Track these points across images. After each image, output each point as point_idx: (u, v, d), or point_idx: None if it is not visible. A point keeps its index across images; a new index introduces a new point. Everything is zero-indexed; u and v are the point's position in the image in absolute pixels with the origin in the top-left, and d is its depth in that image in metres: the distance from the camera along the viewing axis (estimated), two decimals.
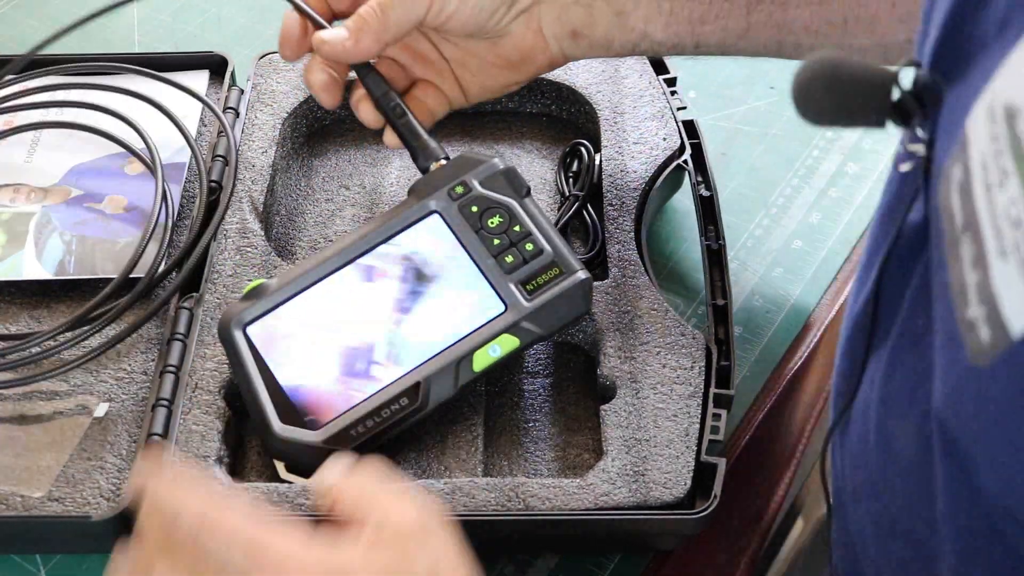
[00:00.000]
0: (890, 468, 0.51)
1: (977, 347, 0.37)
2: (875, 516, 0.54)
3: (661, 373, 0.68)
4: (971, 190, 0.38)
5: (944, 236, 0.40)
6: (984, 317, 0.37)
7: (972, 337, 0.38)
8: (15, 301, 0.76)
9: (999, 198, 0.36)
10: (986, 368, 0.37)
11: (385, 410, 0.65)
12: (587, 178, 0.79)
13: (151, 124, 0.81)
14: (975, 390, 0.38)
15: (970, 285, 0.38)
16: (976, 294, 0.37)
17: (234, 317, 0.68)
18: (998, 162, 0.36)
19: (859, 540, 0.57)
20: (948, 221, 0.40)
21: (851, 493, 0.56)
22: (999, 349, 0.36)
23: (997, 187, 0.36)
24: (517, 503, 0.63)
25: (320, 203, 0.83)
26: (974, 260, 0.37)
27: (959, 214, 0.39)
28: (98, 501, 0.65)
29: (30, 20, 1.02)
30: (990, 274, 0.36)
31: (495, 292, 0.68)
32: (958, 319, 0.38)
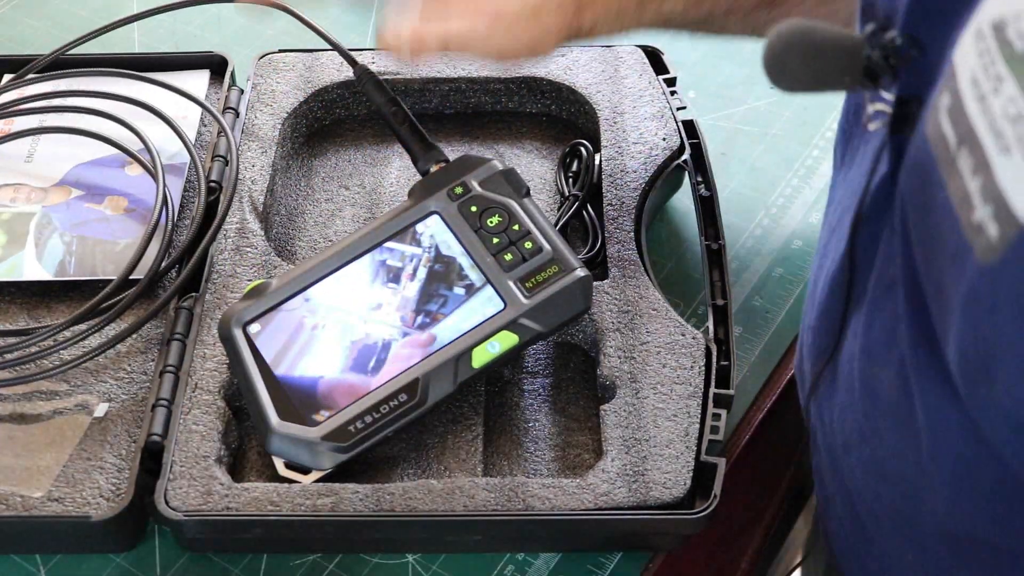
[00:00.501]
0: (875, 414, 0.53)
1: (986, 245, 0.39)
2: (865, 463, 0.56)
3: (661, 373, 0.68)
4: (963, 108, 0.40)
5: (937, 162, 0.42)
6: (991, 215, 0.39)
7: (980, 239, 0.39)
8: (15, 301, 0.76)
9: (995, 103, 0.38)
10: (996, 263, 0.39)
11: (384, 406, 0.65)
12: (587, 178, 0.79)
13: (151, 125, 0.81)
14: (989, 288, 0.40)
15: (973, 192, 0.40)
16: (980, 197, 0.39)
17: (234, 316, 0.68)
18: (990, 72, 0.39)
19: (853, 490, 0.58)
20: (940, 146, 0.42)
21: (841, 445, 0.57)
22: (1009, 239, 0.38)
23: (992, 94, 0.39)
24: (517, 503, 0.63)
25: (320, 203, 0.83)
26: (974, 168, 0.40)
27: (952, 134, 0.41)
28: (98, 501, 0.65)
29: (30, 20, 1.02)
30: (994, 173, 0.38)
31: (494, 290, 0.68)
32: (963, 226, 0.40)
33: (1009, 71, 0.38)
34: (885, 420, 0.53)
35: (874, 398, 0.53)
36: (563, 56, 0.87)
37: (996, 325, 0.40)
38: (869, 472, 0.56)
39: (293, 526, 0.63)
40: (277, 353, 0.68)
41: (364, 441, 0.65)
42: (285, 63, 0.88)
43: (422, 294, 0.69)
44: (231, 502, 0.63)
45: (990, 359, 0.41)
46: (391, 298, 0.69)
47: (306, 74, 0.87)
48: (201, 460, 0.65)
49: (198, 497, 0.64)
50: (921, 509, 0.54)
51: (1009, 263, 0.39)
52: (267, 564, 0.66)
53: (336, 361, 0.67)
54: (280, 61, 0.88)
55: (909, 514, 0.55)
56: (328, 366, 0.67)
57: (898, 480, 0.54)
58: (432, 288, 0.69)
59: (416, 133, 0.75)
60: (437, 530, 0.64)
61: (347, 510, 0.63)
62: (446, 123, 0.87)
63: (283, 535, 0.64)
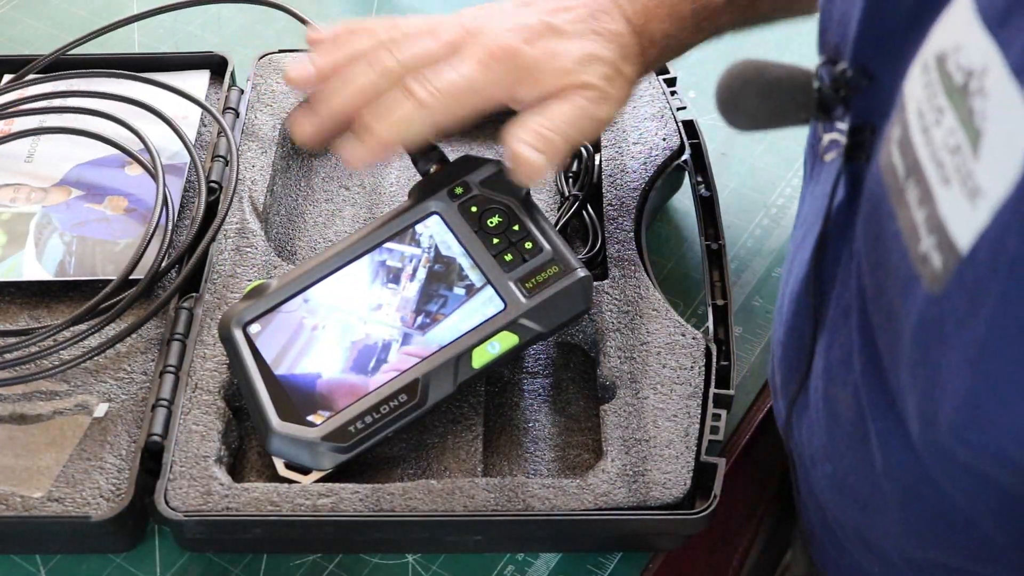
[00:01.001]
0: (835, 432, 0.54)
1: (932, 276, 0.40)
2: (829, 478, 0.57)
3: (661, 373, 0.68)
4: (910, 139, 0.41)
5: (888, 192, 0.43)
6: (935, 245, 0.39)
7: (926, 269, 0.40)
8: (15, 301, 0.76)
9: (936, 134, 0.39)
10: (942, 293, 0.40)
11: (384, 406, 0.65)
12: (587, 178, 0.79)
13: (151, 125, 0.81)
14: (935, 316, 0.40)
15: (919, 223, 0.40)
16: (925, 227, 0.40)
17: (234, 316, 0.68)
18: (933, 103, 0.39)
19: (822, 502, 0.59)
20: (891, 176, 0.43)
21: (810, 458, 0.59)
22: (951, 269, 0.39)
23: (934, 126, 0.39)
24: (517, 503, 0.63)
25: (320, 203, 0.83)
26: (920, 199, 0.40)
27: (900, 165, 0.42)
28: (98, 501, 0.65)
29: (30, 20, 1.02)
30: (936, 204, 0.39)
31: (494, 290, 0.68)
32: (912, 258, 0.41)
33: (949, 103, 0.38)
34: (844, 440, 0.54)
35: (835, 417, 0.54)
36: None
37: (943, 354, 0.40)
38: (833, 487, 0.57)
39: (293, 526, 0.63)
40: (277, 353, 0.68)
41: (364, 441, 0.65)
42: (285, 63, 0.88)
43: (422, 294, 0.69)
44: (231, 502, 0.63)
45: (935, 389, 0.42)
46: (391, 299, 0.69)
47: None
48: (201, 460, 0.65)
49: (198, 497, 0.64)
50: (878, 526, 0.55)
51: (952, 293, 0.39)
52: (267, 564, 0.66)
53: (336, 361, 0.67)
54: (280, 61, 0.88)
55: (868, 531, 0.56)
56: (328, 366, 0.67)
57: (857, 497, 0.55)
58: (432, 288, 0.69)
59: None
60: (437, 530, 0.64)
61: (347, 510, 0.63)
62: None
63: (283, 535, 0.64)
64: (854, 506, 0.56)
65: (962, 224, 0.38)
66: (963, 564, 0.53)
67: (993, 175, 0.36)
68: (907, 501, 0.51)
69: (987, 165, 0.37)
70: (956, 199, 0.38)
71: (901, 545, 0.55)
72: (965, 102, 0.37)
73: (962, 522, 0.49)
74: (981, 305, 0.38)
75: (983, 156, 0.37)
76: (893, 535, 0.54)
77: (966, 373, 0.39)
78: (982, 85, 0.37)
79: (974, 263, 0.38)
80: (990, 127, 0.36)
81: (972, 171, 0.37)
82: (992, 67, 0.36)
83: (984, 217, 0.37)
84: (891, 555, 0.57)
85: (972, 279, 0.38)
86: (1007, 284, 0.37)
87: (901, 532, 0.53)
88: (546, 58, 0.68)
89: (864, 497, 0.54)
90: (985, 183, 0.37)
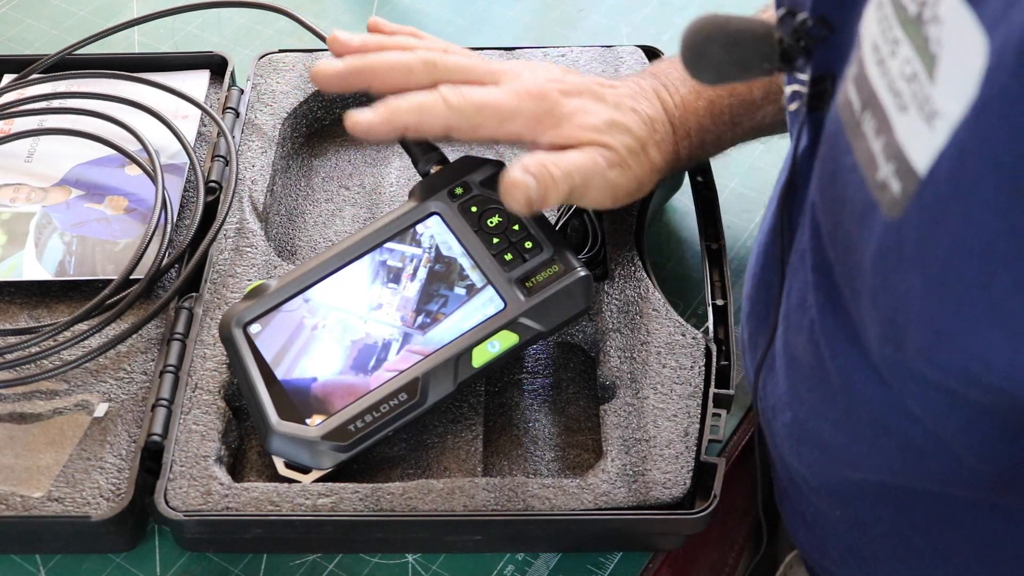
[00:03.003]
0: (795, 378, 0.56)
1: (890, 202, 0.41)
2: (788, 427, 0.58)
3: (661, 373, 0.68)
4: (865, 74, 0.43)
5: (844, 127, 0.44)
6: (893, 172, 0.41)
7: (885, 195, 0.41)
8: (15, 301, 0.76)
9: (892, 65, 0.41)
10: (901, 217, 0.41)
11: (384, 405, 0.65)
12: None
13: (151, 126, 0.81)
14: (895, 242, 0.41)
15: (877, 152, 0.42)
16: (884, 155, 0.41)
17: (234, 316, 0.68)
18: (887, 36, 0.41)
19: (783, 453, 0.60)
20: (847, 111, 0.44)
21: (771, 409, 0.60)
22: (910, 193, 0.40)
23: (890, 57, 0.41)
24: (517, 503, 0.63)
25: (320, 203, 0.83)
26: (877, 129, 0.42)
27: (856, 100, 0.43)
28: (98, 501, 0.65)
29: (30, 20, 1.02)
30: (894, 131, 0.41)
31: (494, 290, 0.68)
32: (869, 185, 0.42)
33: (904, 34, 0.40)
34: (804, 383, 0.55)
35: (794, 363, 0.55)
36: (563, 56, 0.87)
37: (904, 278, 0.42)
38: (792, 435, 0.58)
39: (293, 526, 0.63)
40: (277, 353, 0.68)
41: (364, 441, 0.65)
42: (285, 63, 0.88)
43: (422, 294, 0.69)
44: (231, 502, 0.63)
45: (899, 314, 0.43)
46: (391, 298, 0.69)
47: (306, 74, 0.87)
48: (201, 460, 0.65)
49: (198, 497, 0.64)
50: (839, 464, 0.56)
51: (911, 215, 0.40)
52: (267, 564, 0.66)
53: (336, 361, 0.67)
54: (280, 61, 0.88)
55: (828, 471, 0.58)
56: (328, 366, 0.67)
57: (816, 440, 0.56)
58: (432, 288, 0.69)
59: None
60: (437, 530, 0.64)
61: (347, 510, 0.63)
62: None
63: (283, 535, 0.64)
64: (813, 452, 0.57)
65: (920, 147, 0.39)
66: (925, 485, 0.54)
67: (950, 97, 0.38)
68: (875, 436, 0.52)
69: (944, 88, 0.38)
70: (914, 124, 0.39)
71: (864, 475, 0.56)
72: (920, 31, 0.39)
73: (932, 449, 0.50)
74: (942, 224, 0.39)
75: (939, 80, 0.38)
76: (857, 467, 0.55)
77: (930, 295, 0.40)
78: (936, 13, 0.38)
79: (934, 184, 0.39)
80: (945, 52, 0.38)
81: (929, 95, 0.39)
82: None
83: (942, 138, 0.38)
84: (849, 492, 0.58)
85: (932, 200, 0.39)
86: (968, 200, 0.38)
87: (864, 464, 0.54)
88: (576, 111, 0.69)
89: (825, 439, 0.55)
90: (942, 105, 0.38)
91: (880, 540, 0.60)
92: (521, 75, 0.71)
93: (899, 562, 0.61)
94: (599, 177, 0.67)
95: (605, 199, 0.69)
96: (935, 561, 0.59)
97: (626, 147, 0.68)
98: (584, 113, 0.69)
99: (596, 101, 0.70)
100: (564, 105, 0.69)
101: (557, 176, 0.66)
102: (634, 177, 0.69)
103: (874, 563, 0.63)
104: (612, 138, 0.68)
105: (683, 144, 0.72)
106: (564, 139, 0.68)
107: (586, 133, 0.68)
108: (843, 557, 0.64)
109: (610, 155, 0.68)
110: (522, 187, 0.65)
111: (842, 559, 0.64)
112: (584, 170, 0.67)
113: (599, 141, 0.68)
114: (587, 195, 0.68)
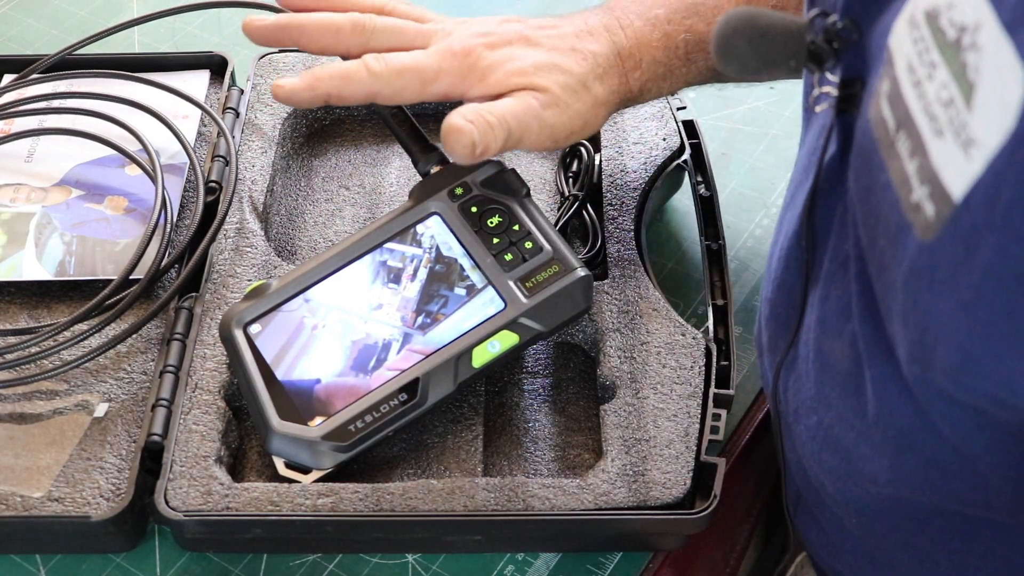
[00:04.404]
0: (826, 383, 0.56)
1: (925, 224, 0.41)
2: (812, 431, 0.58)
3: (661, 373, 0.68)
4: (900, 93, 0.42)
5: (879, 145, 0.44)
6: (927, 195, 0.41)
7: (919, 217, 0.41)
8: (15, 301, 0.76)
9: (929, 88, 0.41)
10: (934, 241, 0.41)
11: (384, 405, 0.65)
12: (587, 178, 0.79)
13: (151, 126, 0.81)
14: (928, 264, 0.41)
15: (911, 173, 0.42)
16: (918, 177, 0.41)
17: (235, 316, 0.68)
18: (924, 58, 0.41)
19: (802, 456, 0.60)
20: (881, 129, 0.44)
21: (794, 412, 0.59)
22: (944, 217, 0.40)
23: (926, 80, 0.41)
24: (517, 503, 0.63)
25: (320, 203, 0.83)
26: (911, 151, 0.42)
27: (891, 119, 0.43)
28: (98, 501, 0.65)
29: (30, 20, 1.02)
30: (929, 155, 0.41)
31: (495, 290, 0.68)
32: (903, 207, 0.42)
33: (942, 58, 0.40)
34: (835, 389, 0.55)
35: (827, 368, 0.55)
36: None
37: (934, 300, 0.42)
38: (816, 439, 0.58)
39: (293, 526, 0.63)
40: (277, 353, 0.68)
41: (364, 441, 0.65)
42: (285, 63, 0.88)
43: (422, 294, 0.69)
44: (231, 502, 0.63)
45: (928, 335, 0.43)
46: (391, 298, 0.69)
47: None
48: (201, 460, 0.65)
49: (198, 497, 0.64)
50: (860, 474, 0.56)
51: (945, 240, 0.40)
52: (267, 564, 0.66)
53: (336, 361, 0.67)
54: (280, 61, 0.88)
55: (848, 479, 0.58)
56: (328, 366, 0.67)
57: (839, 447, 0.56)
58: (432, 288, 0.69)
59: (416, 134, 0.75)
60: (437, 530, 0.64)
61: (347, 510, 0.63)
62: None
63: (283, 535, 0.64)
64: (834, 458, 0.57)
65: (955, 174, 0.39)
66: (945, 503, 0.54)
67: (987, 126, 0.37)
68: (900, 450, 0.52)
69: (981, 117, 0.38)
70: (949, 150, 0.39)
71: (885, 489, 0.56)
72: (958, 57, 0.39)
73: (956, 468, 0.50)
74: (975, 252, 0.39)
75: (977, 108, 0.38)
76: (879, 480, 0.55)
77: (960, 319, 0.41)
78: (975, 40, 0.38)
79: (968, 211, 0.39)
80: (984, 80, 0.38)
81: (966, 123, 0.38)
82: (985, 23, 0.37)
83: (978, 167, 0.38)
84: (869, 503, 0.58)
85: (966, 227, 0.39)
86: (1002, 232, 0.38)
87: (887, 477, 0.54)
88: (502, 60, 0.69)
89: (851, 446, 0.55)
90: (979, 134, 0.38)
91: (895, 550, 0.60)
92: (451, 34, 0.71)
93: (914, 571, 0.60)
94: (535, 120, 0.68)
95: (545, 140, 0.69)
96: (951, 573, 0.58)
97: (560, 85, 0.68)
98: (510, 60, 0.69)
99: (526, 47, 0.70)
100: (487, 57, 0.69)
101: (493, 123, 0.66)
102: (575, 115, 0.69)
103: (889, 570, 0.62)
104: (543, 79, 0.68)
105: (633, 76, 0.72)
106: (492, 89, 0.68)
107: (513, 78, 0.68)
108: (857, 562, 0.64)
109: (543, 96, 0.68)
110: (466, 132, 0.65)
111: (856, 564, 0.64)
112: (518, 114, 0.67)
113: (529, 84, 0.68)
114: (526, 138, 0.68)
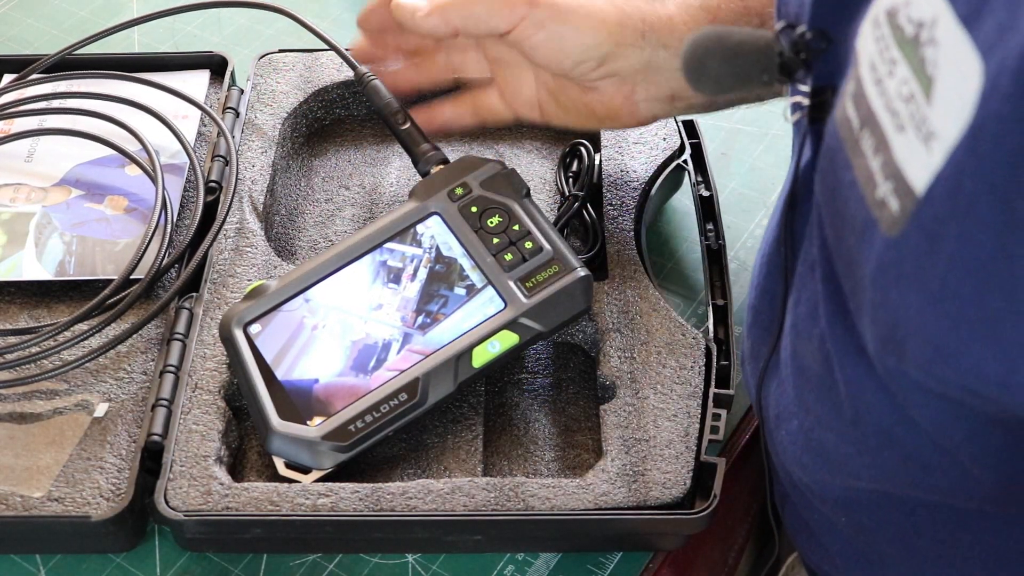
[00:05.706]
0: (803, 388, 0.56)
1: (889, 220, 0.42)
2: (793, 435, 0.58)
3: (661, 373, 0.68)
4: (863, 92, 0.43)
5: (844, 144, 0.45)
6: (892, 190, 0.41)
7: (884, 213, 0.42)
8: (15, 301, 0.76)
9: (890, 84, 0.41)
10: (899, 236, 0.41)
11: (384, 406, 0.65)
12: (587, 178, 0.79)
13: (151, 125, 0.81)
14: (894, 259, 0.42)
15: (875, 170, 0.42)
16: (882, 173, 0.42)
17: (235, 316, 0.68)
18: (885, 56, 0.42)
19: (785, 461, 0.61)
20: (846, 129, 0.45)
21: (776, 418, 0.60)
22: (908, 212, 0.40)
23: (887, 77, 0.41)
24: (517, 503, 0.63)
25: (320, 203, 0.83)
26: (875, 147, 0.42)
27: (855, 117, 0.44)
28: (98, 501, 0.65)
29: (30, 20, 1.02)
30: (892, 150, 0.41)
31: (495, 290, 0.68)
32: (869, 204, 0.43)
33: (901, 54, 0.41)
34: (812, 393, 0.55)
35: (802, 372, 0.56)
36: None
37: (902, 294, 0.42)
38: (796, 443, 0.58)
39: (293, 526, 0.63)
40: (277, 353, 0.68)
41: (364, 441, 0.65)
42: (285, 63, 0.88)
43: (423, 294, 0.69)
44: (231, 502, 0.63)
45: (899, 329, 0.43)
46: (391, 298, 0.69)
47: (306, 74, 0.87)
48: (201, 460, 0.65)
49: (198, 497, 0.64)
50: (843, 473, 0.56)
51: (910, 234, 0.41)
52: (267, 564, 0.66)
53: (336, 361, 0.67)
54: (280, 61, 0.88)
55: (831, 479, 0.58)
56: (328, 366, 0.67)
57: (821, 450, 0.57)
58: (432, 288, 0.69)
59: (416, 134, 0.75)
60: (437, 530, 0.64)
61: (347, 510, 0.63)
62: None
63: (283, 535, 0.64)
64: (817, 461, 0.57)
65: (918, 167, 0.40)
66: (928, 496, 0.54)
67: (946, 118, 0.38)
68: (879, 447, 0.52)
69: (940, 109, 0.38)
70: (911, 144, 0.40)
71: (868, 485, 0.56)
72: (917, 52, 0.39)
73: (936, 461, 0.51)
74: (940, 244, 0.39)
75: (936, 101, 0.39)
76: (862, 478, 0.56)
77: (928, 312, 0.41)
78: (932, 35, 0.39)
79: (931, 204, 0.39)
80: (942, 73, 0.38)
81: (926, 116, 0.39)
82: (941, 17, 0.38)
83: (939, 159, 0.38)
84: (853, 501, 0.59)
85: (930, 219, 0.39)
86: (965, 222, 0.38)
87: (869, 475, 0.55)
88: None
89: (830, 448, 0.56)
90: (939, 127, 0.38)
91: (885, 545, 0.61)
92: None
93: (904, 566, 0.61)
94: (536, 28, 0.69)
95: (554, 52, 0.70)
96: (940, 564, 0.59)
97: None
98: None
99: None
100: None
101: None
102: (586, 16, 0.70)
103: (879, 567, 0.63)
104: None
105: None
106: None
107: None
108: (847, 562, 0.64)
109: None
110: None
111: (846, 564, 0.64)
112: None
113: None
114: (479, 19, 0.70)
